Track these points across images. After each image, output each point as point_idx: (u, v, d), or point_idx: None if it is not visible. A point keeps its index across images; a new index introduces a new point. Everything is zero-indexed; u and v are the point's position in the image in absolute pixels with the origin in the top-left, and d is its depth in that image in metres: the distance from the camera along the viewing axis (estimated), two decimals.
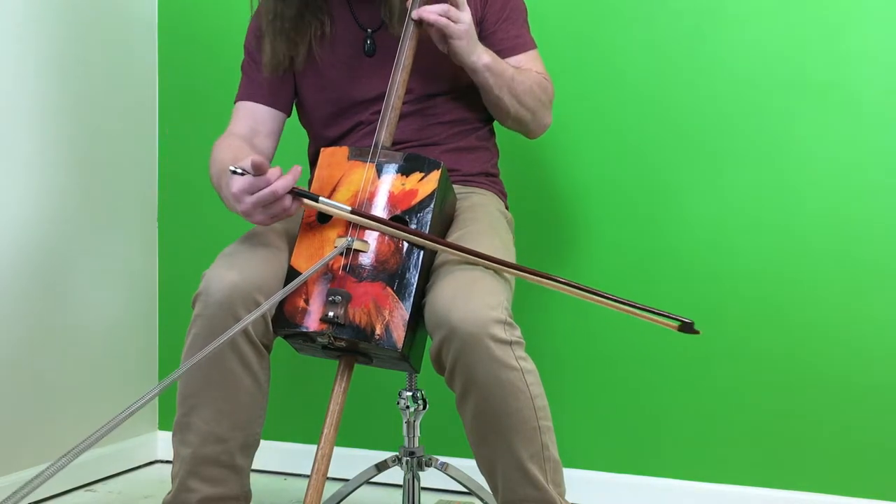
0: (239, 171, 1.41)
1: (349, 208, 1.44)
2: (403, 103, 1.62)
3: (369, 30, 1.74)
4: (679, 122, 2.11)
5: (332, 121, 1.76)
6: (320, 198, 1.45)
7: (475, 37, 1.61)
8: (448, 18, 1.57)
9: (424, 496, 1.86)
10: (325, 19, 1.74)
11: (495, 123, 1.83)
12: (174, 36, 2.55)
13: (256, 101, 1.77)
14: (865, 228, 1.98)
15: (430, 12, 1.57)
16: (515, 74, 1.68)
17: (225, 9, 2.46)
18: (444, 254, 1.50)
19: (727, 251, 2.08)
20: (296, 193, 1.44)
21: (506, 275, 1.50)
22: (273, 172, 1.42)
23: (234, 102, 1.80)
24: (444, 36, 1.59)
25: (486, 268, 1.45)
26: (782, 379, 2.04)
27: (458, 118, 1.74)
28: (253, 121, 1.77)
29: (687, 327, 1.47)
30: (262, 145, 1.75)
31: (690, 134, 2.10)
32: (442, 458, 1.80)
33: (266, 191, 1.41)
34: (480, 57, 1.62)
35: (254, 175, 1.41)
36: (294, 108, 1.84)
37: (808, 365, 2.02)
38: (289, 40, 1.72)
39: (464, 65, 1.63)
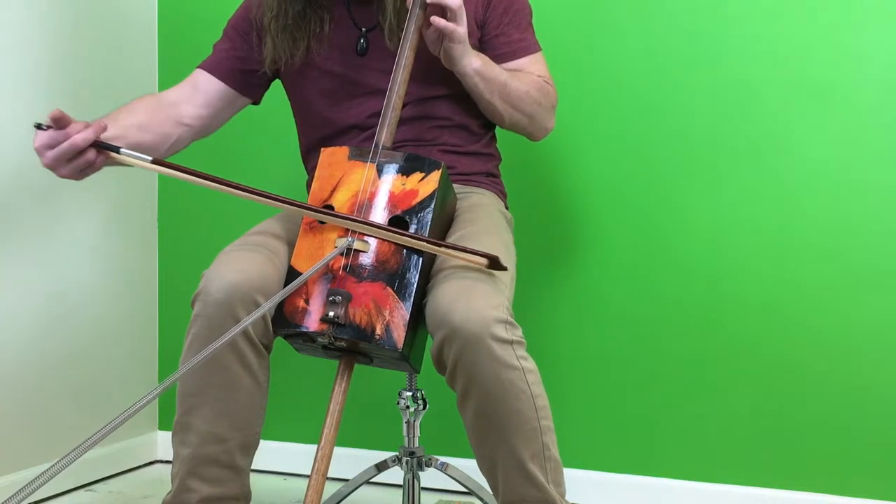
0: (43, 126, 1.44)
1: (150, 158, 1.45)
2: (403, 106, 1.61)
3: (363, 29, 1.73)
4: (678, 123, 2.11)
5: (326, 120, 1.76)
6: (122, 149, 1.46)
7: (468, 42, 1.60)
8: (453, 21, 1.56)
9: (424, 496, 1.86)
10: (324, 17, 1.74)
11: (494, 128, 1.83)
12: (174, 36, 2.55)
13: (207, 71, 1.80)
14: (864, 229, 1.98)
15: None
16: (509, 80, 1.66)
17: (225, 9, 2.45)
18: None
19: (726, 251, 2.08)
20: (99, 146, 1.46)
21: (506, 275, 1.50)
22: (74, 127, 1.45)
23: None
24: (441, 38, 1.58)
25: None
26: (781, 379, 2.04)
27: (458, 123, 1.73)
28: (192, 88, 1.79)
29: (494, 263, 1.43)
30: (189, 113, 1.76)
31: (689, 135, 2.10)
32: (442, 458, 1.80)
33: (65, 144, 1.44)
34: (471, 62, 1.61)
35: (55, 129, 1.43)
36: (290, 105, 1.84)
37: (807, 365, 2.02)
38: (292, 37, 1.72)
39: (454, 69, 1.62)
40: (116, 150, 1.46)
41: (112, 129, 1.55)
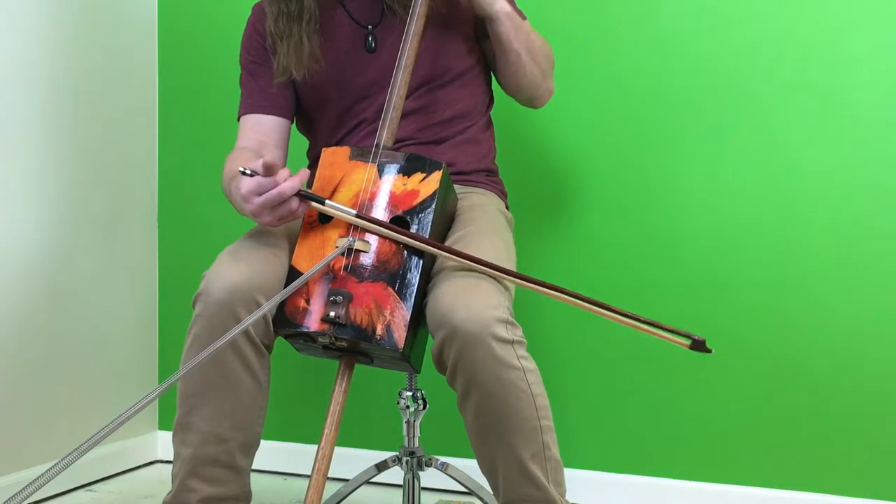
0: (248, 171, 1.43)
1: (354, 212, 1.44)
2: (407, 97, 1.62)
3: (370, 26, 1.74)
4: (678, 125, 2.11)
5: (334, 120, 1.76)
6: (326, 200, 1.46)
7: None
8: None
9: (424, 496, 1.86)
10: (314, 22, 1.74)
11: (493, 115, 1.84)
12: (174, 37, 2.55)
13: (259, 113, 1.76)
14: (864, 231, 1.98)
15: None
16: (531, 30, 1.71)
17: (225, 10, 2.46)
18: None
19: (726, 253, 2.07)
20: (302, 196, 1.45)
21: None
22: (282, 174, 1.43)
23: (238, 119, 1.79)
24: None
25: (487, 274, 1.45)
26: (782, 379, 2.04)
27: (458, 113, 1.74)
28: (259, 133, 1.75)
29: (698, 345, 1.45)
30: (272, 156, 1.73)
31: (689, 136, 2.10)
32: (442, 458, 1.80)
33: (273, 192, 1.42)
34: (503, 6, 1.64)
35: (263, 175, 1.42)
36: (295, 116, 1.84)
37: (806, 366, 2.02)
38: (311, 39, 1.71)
39: (484, 13, 1.65)
40: (322, 201, 1.45)
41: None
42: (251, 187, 1.43)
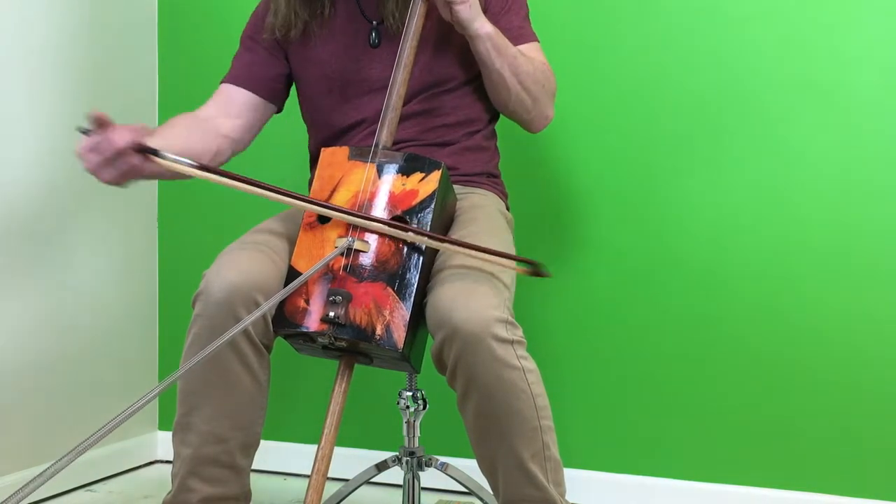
0: (87, 129, 1.41)
1: (195, 163, 1.42)
2: (409, 101, 1.62)
3: (374, 22, 1.74)
4: (678, 123, 2.11)
5: (336, 114, 1.76)
6: (161, 151, 1.42)
7: (478, 6, 1.61)
8: None
9: (424, 496, 1.86)
10: (326, 3, 1.74)
11: (496, 122, 1.83)
12: (174, 36, 2.55)
13: (235, 84, 1.77)
14: (864, 229, 1.98)
15: None
16: (518, 54, 1.67)
17: (225, 9, 2.46)
18: (445, 254, 1.50)
19: (726, 252, 2.08)
20: (140, 149, 1.42)
21: (507, 275, 1.50)
22: (115, 128, 1.41)
23: None
24: (448, 2, 1.59)
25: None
26: (782, 379, 2.04)
27: (462, 119, 1.74)
28: (224, 102, 1.76)
29: (536, 270, 1.44)
30: (225, 126, 1.73)
31: (689, 136, 2.10)
32: (442, 458, 1.80)
33: (104, 145, 1.40)
34: (483, 25, 1.61)
35: (95, 129, 1.40)
36: (299, 106, 1.84)
37: (807, 365, 2.02)
38: (303, 4, 1.72)
39: (466, 33, 1.62)
40: (156, 152, 1.42)
41: (155, 142, 1.47)
42: (87, 144, 1.41)
